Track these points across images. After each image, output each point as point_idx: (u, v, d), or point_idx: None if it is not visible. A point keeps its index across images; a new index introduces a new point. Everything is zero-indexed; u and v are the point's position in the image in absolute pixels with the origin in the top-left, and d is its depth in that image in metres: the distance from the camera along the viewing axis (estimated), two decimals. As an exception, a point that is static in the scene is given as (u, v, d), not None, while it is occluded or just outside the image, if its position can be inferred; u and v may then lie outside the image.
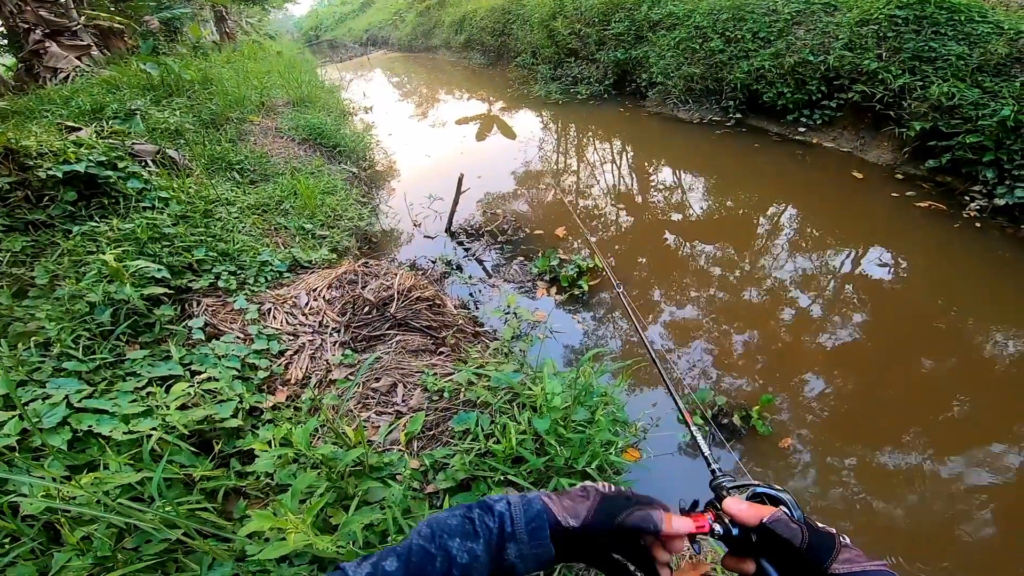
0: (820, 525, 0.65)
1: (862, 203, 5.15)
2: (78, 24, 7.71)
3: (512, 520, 0.64)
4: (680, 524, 0.67)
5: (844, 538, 0.63)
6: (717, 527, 0.68)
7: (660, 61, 8.33)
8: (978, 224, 4.48)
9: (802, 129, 6.65)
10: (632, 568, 0.71)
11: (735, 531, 0.67)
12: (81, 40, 7.67)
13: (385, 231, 5.29)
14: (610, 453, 2.04)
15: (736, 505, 0.67)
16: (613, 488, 0.70)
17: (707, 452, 0.89)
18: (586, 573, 1.72)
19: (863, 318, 3.65)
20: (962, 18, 5.30)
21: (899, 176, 5.43)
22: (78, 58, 7.37)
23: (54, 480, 1.36)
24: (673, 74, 8.06)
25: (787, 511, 0.66)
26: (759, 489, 0.72)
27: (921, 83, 5.34)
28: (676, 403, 1.07)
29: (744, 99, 7.24)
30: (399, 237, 5.22)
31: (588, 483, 0.73)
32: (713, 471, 0.83)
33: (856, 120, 6.21)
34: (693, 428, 0.98)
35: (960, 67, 5.10)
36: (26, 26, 7.29)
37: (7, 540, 1.38)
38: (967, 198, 4.74)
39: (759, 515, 0.65)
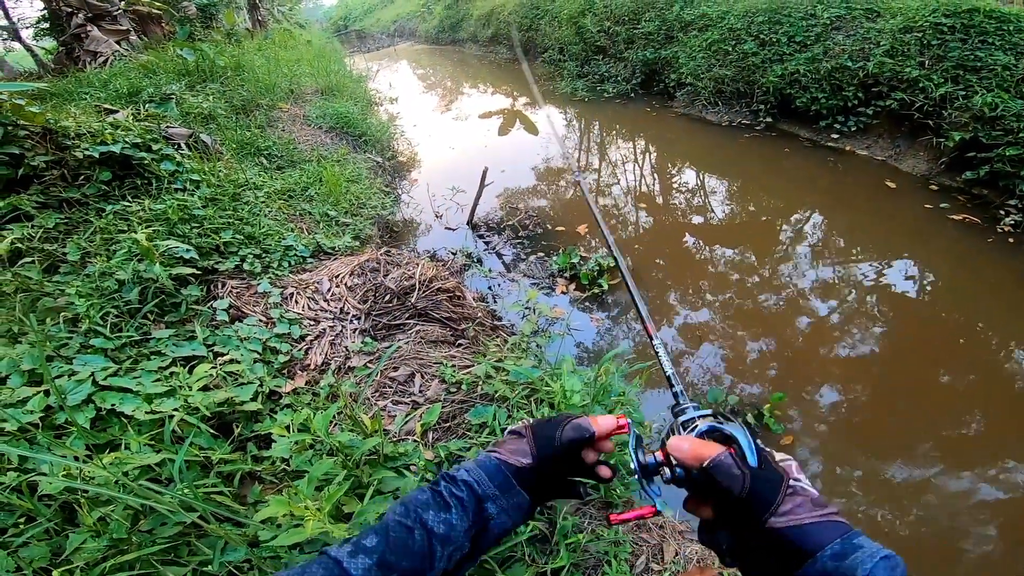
0: (776, 461, 0.58)
1: (894, 213, 5.01)
2: (118, 9, 7.87)
3: (478, 482, 0.67)
4: (606, 422, 0.69)
5: (798, 478, 0.56)
6: (666, 471, 0.61)
7: (690, 62, 8.20)
8: (1012, 240, 4.33)
9: (835, 135, 6.48)
10: (580, 480, 0.74)
11: (680, 472, 0.60)
12: (121, 25, 7.83)
13: (407, 221, 5.32)
14: (624, 454, 2.01)
15: (680, 444, 0.59)
16: (533, 420, 0.74)
17: (670, 371, 0.78)
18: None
19: (887, 329, 3.55)
20: (1011, 28, 5.11)
21: (933, 187, 5.26)
22: (117, 42, 7.52)
23: (76, 459, 1.35)
24: (703, 75, 7.92)
25: (739, 450, 0.57)
26: (707, 425, 0.63)
27: (963, 92, 5.17)
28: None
29: (775, 103, 7.08)
30: (420, 228, 5.24)
31: (511, 426, 0.76)
32: (675, 394, 0.73)
33: (892, 128, 6.03)
34: (656, 342, 0.84)
35: (1005, 77, 4.93)
36: (69, 10, 7.47)
37: (22, 520, 1.35)
38: (1003, 212, 4.58)
39: (702, 456, 0.57)
